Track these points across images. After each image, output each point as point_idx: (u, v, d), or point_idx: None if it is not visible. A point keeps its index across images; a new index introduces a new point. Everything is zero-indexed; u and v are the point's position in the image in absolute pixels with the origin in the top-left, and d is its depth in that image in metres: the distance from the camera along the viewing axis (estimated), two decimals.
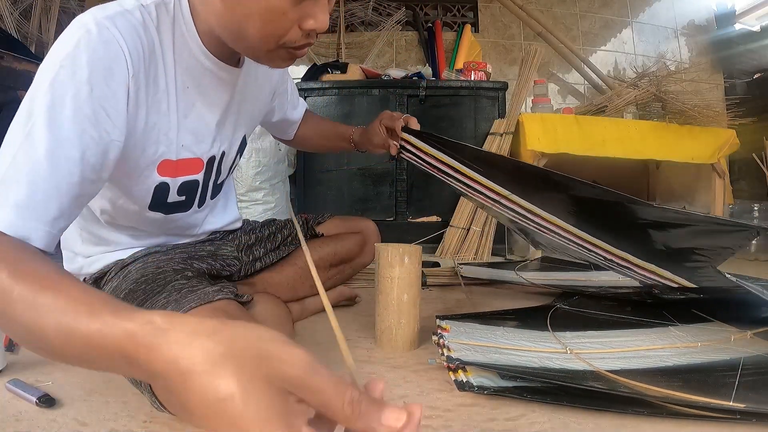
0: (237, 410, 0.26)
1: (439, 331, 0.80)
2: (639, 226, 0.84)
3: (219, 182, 0.78)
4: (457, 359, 0.66)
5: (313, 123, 1.06)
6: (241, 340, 0.28)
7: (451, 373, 0.66)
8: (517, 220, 0.96)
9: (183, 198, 0.70)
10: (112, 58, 0.51)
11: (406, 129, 0.92)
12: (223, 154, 0.74)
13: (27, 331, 0.36)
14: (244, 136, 0.81)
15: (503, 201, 0.91)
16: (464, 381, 0.63)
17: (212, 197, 0.78)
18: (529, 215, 0.91)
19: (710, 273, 0.85)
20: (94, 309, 0.34)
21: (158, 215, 0.69)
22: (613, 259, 0.91)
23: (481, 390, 0.62)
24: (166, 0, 0.58)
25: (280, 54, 0.57)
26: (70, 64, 0.48)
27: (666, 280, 0.91)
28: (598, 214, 0.85)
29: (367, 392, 0.31)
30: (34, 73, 0.51)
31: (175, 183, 0.66)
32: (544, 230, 0.93)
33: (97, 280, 0.69)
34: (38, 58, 1.58)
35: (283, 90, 0.92)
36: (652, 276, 0.91)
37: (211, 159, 0.71)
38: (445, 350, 0.71)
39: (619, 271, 0.97)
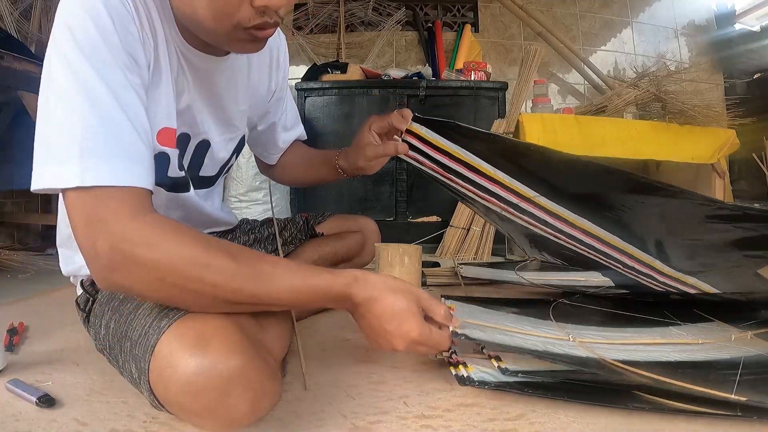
0: (404, 315, 0.56)
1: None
2: (692, 225, 0.74)
3: (201, 175, 0.76)
4: (463, 334, 0.64)
5: (300, 150, 0.98)
6: (406, 285, 0.58)
7: (451, 367, 0.66)
8: (530, 226, 0.86)
9: (182, 174, 0.68)
10: (126, 13, 0.52)
11: (416, 118, 0.78)
12: (209, 144, 0.72)
13: (253, 295, 0.51)
14: (243, 136, 0.81)
15: (523, 204, 0.80)
16: (465, 376, 0.63)
17: (194, 187, 0.75)
18: (550, 220, 0.81)
19: (748, 277, 0.77)
20: (315, 271, 0.55)
21: (161, 192, 0.67)
22: (635, 266, 0.84)
23: (482, 385, 0.62)
24: None
25: (240, 36, 0.55)
26: (93, 18, 0.49)
27: (688, 287, 0.85)
28: (644, 214, 0.75)
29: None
30: (34, 73, 0.53)
31: (173, 153, 0.64)
32: (564, 237, 0.84)
33: (94, 282, 0.68)
34: (38, 58, 1.58)
35: (280, 96, 0.88)
36: (674, 284, 0.85)
37: (185, 138, 0.68)
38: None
39: (637, 279, 0.90)
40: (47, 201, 2.16)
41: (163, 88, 0.60)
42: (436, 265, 1.59)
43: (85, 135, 0.46)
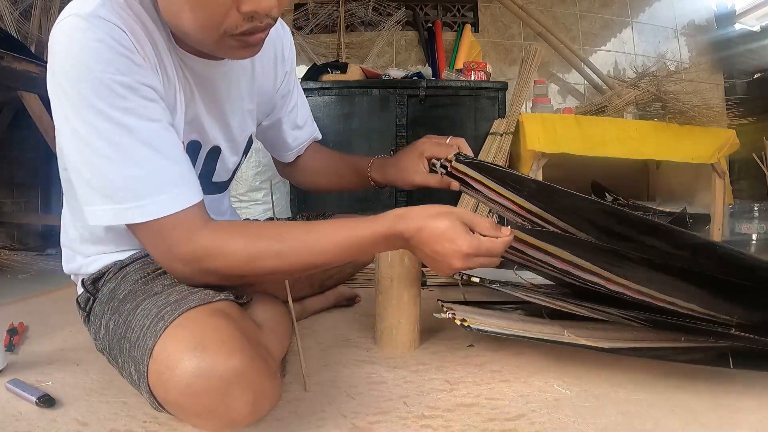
0: (450, 234, 0.57)
1: (445, 309, 0.79)
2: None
3: (214, 181, 0.76)
4: (471, 326, 0.70)
5: (322, 154, 0.94)
6: (445, 208, 0.59)
7: (456, 320, 0.72)
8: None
9: None
10: (128, 45, 0.52)
11: (461, 159, 0.72)
12: (219, 150, 0.72)
13: (308, 264, 0.58)
14: (251, 136, 0.80)
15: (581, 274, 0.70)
16: (467, 326, 0.70)
17: (209, 193, 0.75)
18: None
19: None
20: (357, 223, 0.58)
21: None
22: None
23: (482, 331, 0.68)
24: None
25: (230, 43, 0.54)
26: (101, 66, 0.50)
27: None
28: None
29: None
30: (34, 73, 0.53)
31: None
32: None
33: (95, 281, 0.68)
34: (38, 58, 1.57)
35: (286, 91, 0.86)
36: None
37: (195, 146, 0.68)
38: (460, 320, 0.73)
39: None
40: (47, 201, 2.16)
41: (170, 101, 0.61)
42: None
43: (129, 178, 0.52)
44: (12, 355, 0.78)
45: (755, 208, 2.00)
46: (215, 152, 0.73)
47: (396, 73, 2.10)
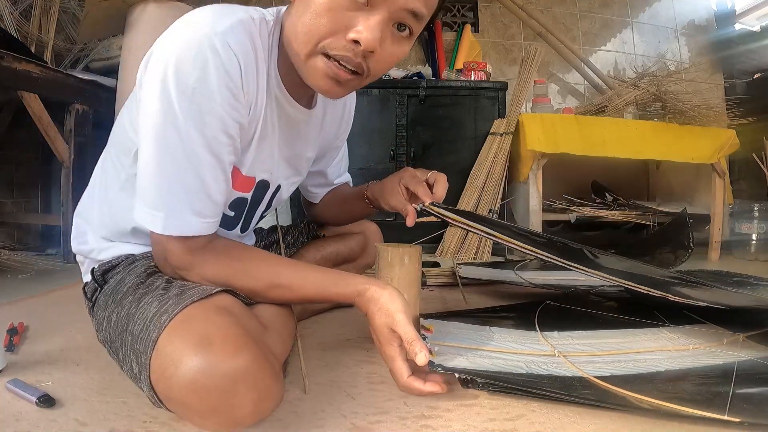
0: (380, 337, 0.61)
1: (422, 332, 0.78)
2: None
3: (264, 214, 0.81)
4: (439, 365, 0.64)
5: (337, 189, 0.99)
6: (391, 308, 0.61)
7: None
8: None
9: (232, 214, 0.72)
10: (235, 78, 0.56)
11: (435, 204, 0.78)
12: (279, 188, 0.77)
13: (278, 296, 0.65)
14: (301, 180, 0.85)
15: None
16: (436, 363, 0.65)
17: (254, 226, 0.83)
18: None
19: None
20: (334, 281, 0.64)
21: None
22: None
23: (466, 384, 0.62)
24: (268, 18, 0.62)
25: (318, 64, 0.57)
26: (205, 89, 0.54)
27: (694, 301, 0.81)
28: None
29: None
30: (34, 73, 0.54)
31: (231, 195, 0.69)
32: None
33: (105, 273, 0.68)
34: (38, 58, 1.57)
35: (338, 145, 0.92)
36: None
37: (264, 185, 0.73)
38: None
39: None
40: (47, 201, 2.16)
41: (249, 132, 0.64)
42: (436, 265, 1.60)
43: (170, 192, 0.56)
44: (12, 355, 0.78)
45: (755, 208, 2.00)
46: (277, 190, 0.78)
47: (396, 73, 2.10)
